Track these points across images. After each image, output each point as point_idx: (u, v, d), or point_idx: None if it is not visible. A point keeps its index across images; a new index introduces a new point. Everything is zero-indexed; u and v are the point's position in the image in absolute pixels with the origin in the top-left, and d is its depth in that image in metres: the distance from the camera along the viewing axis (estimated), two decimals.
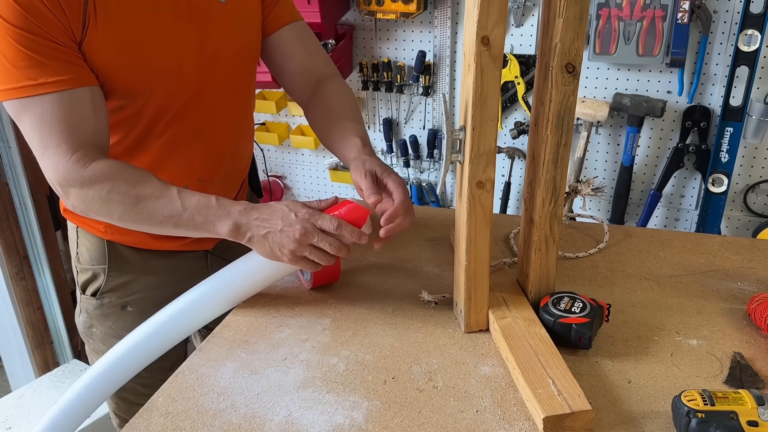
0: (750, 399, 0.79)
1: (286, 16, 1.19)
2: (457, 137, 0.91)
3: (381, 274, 1.18)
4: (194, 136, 1.11)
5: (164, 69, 1.03)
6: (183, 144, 1.11)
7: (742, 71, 1.86)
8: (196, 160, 1.14)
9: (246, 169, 1.30)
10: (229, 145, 1.18)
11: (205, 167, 1.16)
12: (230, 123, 1.17)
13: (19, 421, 1.97)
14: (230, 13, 1.09)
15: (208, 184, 1.17)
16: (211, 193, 1.18)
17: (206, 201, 0.97)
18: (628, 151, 2.06)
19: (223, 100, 1.13)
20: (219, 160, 1.17)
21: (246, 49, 1.15)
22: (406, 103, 2.28)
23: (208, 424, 0.86)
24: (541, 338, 0.94)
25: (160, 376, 1.27)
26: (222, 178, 1.20)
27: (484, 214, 0.94)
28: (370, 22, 2.21)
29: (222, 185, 1.21)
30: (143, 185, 0.97)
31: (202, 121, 1.11)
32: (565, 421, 0.81)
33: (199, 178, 1.16)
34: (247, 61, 1.17)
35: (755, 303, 1.01)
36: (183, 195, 0.98)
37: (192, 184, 1.14)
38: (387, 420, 0.86)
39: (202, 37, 1.06)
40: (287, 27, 1.18)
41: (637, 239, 1.27)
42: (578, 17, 0.85)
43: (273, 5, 1.17)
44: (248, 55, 1.16)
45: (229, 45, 1.10)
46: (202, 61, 1.07)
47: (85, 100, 0.95)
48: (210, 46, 1.07)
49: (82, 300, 1.24)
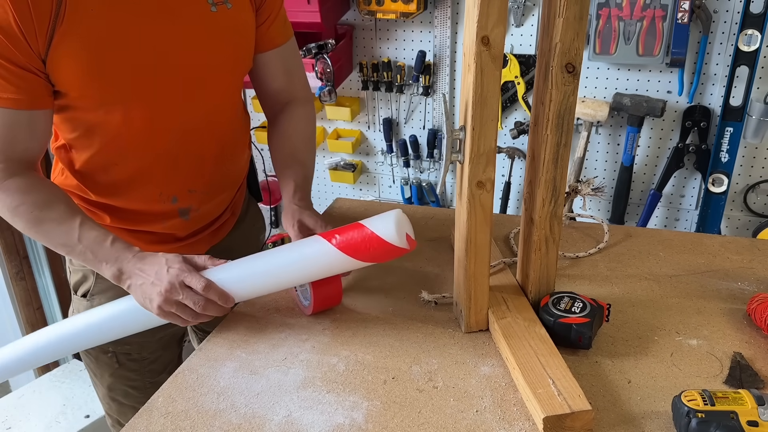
0: (750, 399, 0.79)
1: (279, 38, 1.18)
2: (457, 137, 0.91)
3: (381, 274, 1.18)
4: (178, 145, 1.10)
5: (138, 75, 1.01)
6: (164, 153, 1.09)
7: (742, 71, 1.86)
8: (181, 170, 1.12)
9: (242, 174, 1.29)
10: (218, 156, 1.16)
11: (193, 178, 1.14)
12: (218, 134, 1.14)
13: (19, 421, 1.97)
14: (221, 23, 1.06)
15: (198, 194, 1.16)
16: (206, 202, 1.18)
17: (102, 240, 1.00)
18: (628, 151, 2.06)
19: (208, 111, 1.11)
20: (207, 171, 1.15)
21: (235, 61, 1.12)
22: (406, 103, 2.28)
23: (208, 424, 0.86)
24: (541, 338, 0.94)
25: (150, 378, 1.28)
26: (213, 187, 1.18)
27: (484, 214, 0.94)
28: (370, 22, 2.21)
29: (214, 195, 1.19)
30: (49, 209, 1.00)
31: (185, 131, 1.09)
32: (565, 421, 0.81)
33: (189, 188, 1.15)
34: (235, 72, 1.14)
35: (755, 303, 1.01)
36: (84, 227, 1.00)
37: (181, 193, 1.14)
38: (387, 420, 0.86)
39: (186, 43, 1.03)
40: (277, 49, 1.18)
41: (637, 239, 1.27)
42: (578, 17, 0.85)
43: (269, 24, 1.14)
44: (237, 67, 1.14)
45: (216, 55, 1.07)
46: (182, 68, 1.04)
47: (23, 122, 0.98)
48: (194, 54, 1.04)
49: (74, 300, 1.24)
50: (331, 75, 2.09)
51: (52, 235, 1.01)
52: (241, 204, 1.31)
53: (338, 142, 2.37)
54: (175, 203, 1.14)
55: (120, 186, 1.11)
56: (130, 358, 1.24)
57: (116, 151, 1.07)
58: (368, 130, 2.38)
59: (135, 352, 1.24)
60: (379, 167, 2.43)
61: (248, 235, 1.35)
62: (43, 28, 0.92)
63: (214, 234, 1.24)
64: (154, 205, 1.13)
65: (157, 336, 1.24)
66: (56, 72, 0.96)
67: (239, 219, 1.31)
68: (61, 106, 1.02)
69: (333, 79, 2.10)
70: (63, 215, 1.00)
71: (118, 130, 1.04)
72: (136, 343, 1.22)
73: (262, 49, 1.17)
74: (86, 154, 1.07)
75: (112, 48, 0.97)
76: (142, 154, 1.08)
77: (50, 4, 0.91)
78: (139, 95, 1.02)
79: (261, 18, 1.13)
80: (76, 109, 1.02)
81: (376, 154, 2.42)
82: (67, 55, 0.95)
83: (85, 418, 1.98)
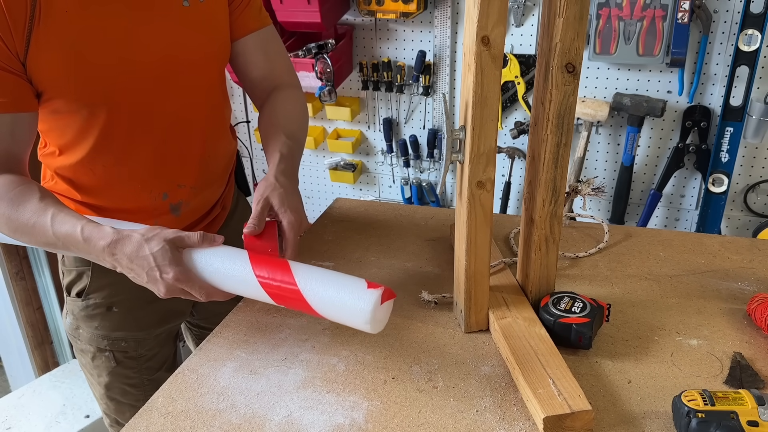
0: (750, 399, 0.79)
1: (252, 23, 1.18)
2: (457, 137, 0.91)
3: (381, 274, 1.18)
4: (163, 142, 1.10)
5: (117, 73, 1.01)
6: (151, 150, 1.10)
7: (742, 71, 1.86)
8: (169, 165, 1.13)
9: (229, 165, 1.29)
10: (203, 149, 1.17)
11: (180, 173, 1.15)
12: (202, 126, 1.15)
13: (19, 421, 1.97)
14: (194, 16, 1.07)
15: (187, 189, 1.16)
16: (195, 196, 1.18)
17: (73, 233, 0.95)
18: (628, 151, 2.06)
19: (190, 104, 1.11)
20: (194, 164, 1.16)
21: (212, 53, 1.13)
22: (406, 103, 2.28)
23: (208, 424, 0.86)
24: (541, 338, 0.94)
25: (148, 375, 1.28)
26: (201, 182, 1.18)
27: (484, 214, 0.94)
28: (370, 22, 2.20)
29: (202, 188, 1.19)
30: (23, 209, 0.96)
31: (169, 126, 1.10)
32: (565, 421, 0.81)
33: (178, 183, 1.15)
34: (213, 65, 1.15)
35: (755, 303, 1.01)
36: (55, 223, 0.96)
37: (171, 189, 1.14)
38: (387, 420, 0.86)
39: (161, 38, 1.04)
40: (253, 35, 1.18)
41: (637, 239, 1.27)
42: (578, 17, 0.85)
43: (240, 11, 1.15)
44: (214, 59, 1.14)
45: (192, 48, 1.08)
46: (160, 63, 1.05)
47: (5, 125, 0.97)
48: (170, 49, 1.05)
49: (68, 302, 1.24)
50: (331, 75, 2.09)
51: (32, 236, 0.98)
52: (230, 198, 1.32)
53: (338, 142, 2.37)
54: (166, 199, 1.15)
55: (110, 186, 1.11)
56: (128, 356, 1.24)
57: (104, 152, 1.07)
58: (368, 130, 2.38)
59: (132, 350, 1.24)
60: (379, 167, 2.43)
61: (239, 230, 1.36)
62: (19, 29, 0.92)
63: (205, 230, 1.25)
64: (145, 203, 1.13)
65: (153, 333, 1.25)
66: (36, 74, 0.97)
67: (229, 214, 1.31)
68: (47, 111, 1.02)
69: (333, 79, 2.10)
70: (34, 214, 0.96)
71: (105, 131, 1.05)
72: (133, 340, 1.23)
73: (237, 36, 1.17)
74: (75, 158, 1.08)
75: (89, 47, 0.97)
76: (130, 152, 1.09)
77: (24, 6, 0.92)
78: (120, 93, 1.03)
79: (234, 4, 1.15)
80: (61, 112, 1.03)
81: (376, 154, 2.42)
82: (46, 57, 0.95)
83: (85, 418, 1.98)
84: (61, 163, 1.10)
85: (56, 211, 0.96)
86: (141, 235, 0.92)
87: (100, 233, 0.94)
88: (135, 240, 0.92)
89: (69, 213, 0.97)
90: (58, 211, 0.96)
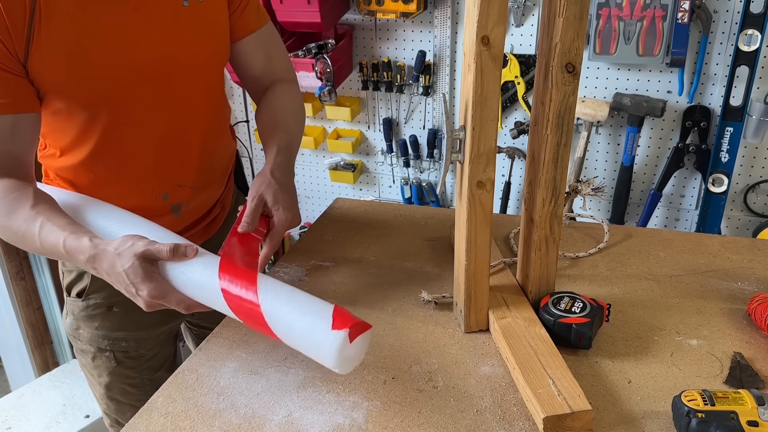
0: (750, 399, 0.79)
1: (253, 23, 1.18)
2: (457, 137, 0.91)
3: (381, 274, 1.18)
4: (163, 142, 1.10)
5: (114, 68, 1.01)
6: (152, 150, 1.10)
7: (742, 71, 1.86)
8: (169, 166, 1.13)
9: (229, 165, 1.29)
10: (203, 149, 1.17)
11: (180, 173, 1.15)
12: (202, 126, 1.15)
13: (19, 421, 1.97)
14: (194, 16, 1.07)
15: (187, 189, 1.16)
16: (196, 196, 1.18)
17: (57, 246, 0.94)
18: (628, 151, 2.06)
19: (190, 104, 1.12)
20: (194, 164, 1.16)
21: (212, 53, 1.13)
22: (406, 103, 2.28)
23: (208, 424, 0.86)
24: (541, 338, 0.94)
25: (148, 375, 1.28)
26: (201, 182, 1.19)
27: (484, 214, 0.94)
28: (370, 22, 2.20)
29: (202, 188, 1.20)
30: (15, 217, 0.96)
31: (169, 127, 1.10)
32: (565, 421, 0.81)
33: (178, 183, 1.15)
34: (213, 65, 1.15)
35: (755, 303, 1.01)
36: (42, 233, 0.95)
37: (171, 189, 1.15)
38: (387, 420, 0.86)
39: (161, 39, 1.04)
40: (253, 35, 1.19)
41: (637, 239, 1.27)
42: (578, 17, 0.85)
43: (240, 12, 1.15)
44: (214, 59, 1.15)
45: (192, 48, 1.08)
46: (160, 64, 1.05)
47: (6, 126, 0.97)
48: (170, 49, 1.05)
49: (68, 302, 1.24)
50: (331, 75, 2.09)
51: (24, 244, 0.98)
52: (230, 199, 1.32)
53: (338, 142, 2.37)
54: (167, 199, 1.15)
55: (111, 187, 1.11)
56: (128, 356, 1.24)
57: (105, 153, 1.07)
58: (368, 130, 2.38)
59: (132, 350, 1.24)
60: (379, 167, 2.43)
61: None
62: (18, 31, 0.92)
63: (205, 229, 1.25)
64: (145, 204, 1.13)
65: (154, 333, 1.25)
66: (38, 75, 0.97)
67: (229, 214, 1.32)
68: (48, 113, 1.02)
69: (333, 79, 2.10)
70: (24, 222, 0.96)
71: (105, 132, 1.05)
72: (133, 340, 1.23)
73: (237, 37, 1.17)
74: (76, 159, 1.08)
75: (89, 48, 0.98)
76: (130, 153, 1.09)
77: (23, 8, 0.92)
78: (120, 94, 1.03)
79: (233, 6, 1.15)
80: (62, 114, 1.03)
81: (376, 154, 2.42)
82: (47, 58, 0.95)
83: (85, 418, 1.98)
84: (62, 164, 1.10)
85: (45, 221, 0.96)
86: (114, 249, 0.91)
87: (80, 247, 0.93)
88: (109, 255, 0.91)
89: (56, 223, 0.96)
90: (47, 220, 0.96)
